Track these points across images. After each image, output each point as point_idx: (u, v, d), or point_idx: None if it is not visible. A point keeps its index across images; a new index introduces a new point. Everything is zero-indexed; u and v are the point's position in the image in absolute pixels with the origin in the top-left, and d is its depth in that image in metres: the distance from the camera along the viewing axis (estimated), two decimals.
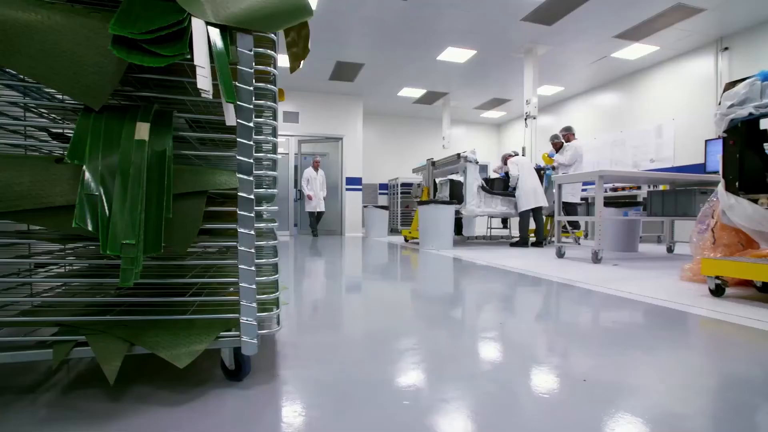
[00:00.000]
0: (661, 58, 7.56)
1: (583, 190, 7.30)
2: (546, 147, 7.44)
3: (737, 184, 2.70)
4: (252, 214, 1.00)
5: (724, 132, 2.74)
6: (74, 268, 1.55)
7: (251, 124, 0.98)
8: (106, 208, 0.83)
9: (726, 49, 6.60)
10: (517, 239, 6.15)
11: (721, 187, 2.80)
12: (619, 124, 8.61)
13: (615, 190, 7.94)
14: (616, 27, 6.37)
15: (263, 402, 1.02)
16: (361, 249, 5.95)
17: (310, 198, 8.84)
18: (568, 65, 7.98)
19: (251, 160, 0.99)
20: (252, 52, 0.98)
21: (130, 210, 0.83)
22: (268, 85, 1.05)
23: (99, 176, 0.84)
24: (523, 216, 6.06)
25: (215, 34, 0.89)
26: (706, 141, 6.58)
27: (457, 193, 6.47)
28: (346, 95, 9.87)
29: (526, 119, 7.25)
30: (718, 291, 2.39)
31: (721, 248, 2.86)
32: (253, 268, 1.01)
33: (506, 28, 6.43)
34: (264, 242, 1.10)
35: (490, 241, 7.39)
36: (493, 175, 7.27)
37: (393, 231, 10.46)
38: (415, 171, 8.14)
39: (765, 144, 2.85)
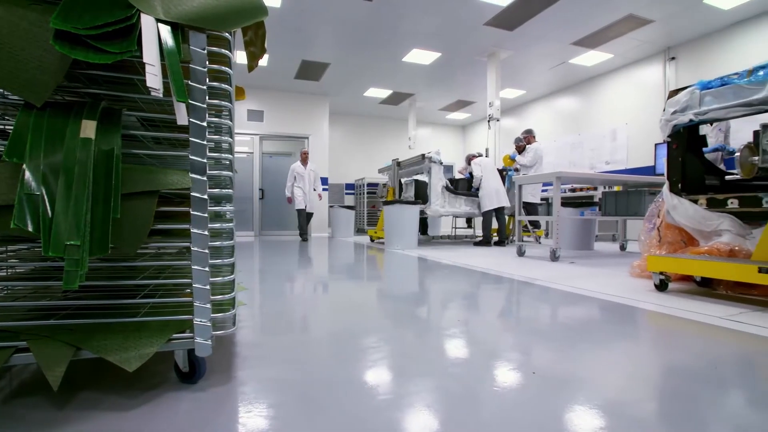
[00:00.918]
0: (615, 66, 7.92)
1: (544, 190, 7.55)
2: (509, 148, 7.65)
3: (680, 185, 2.87)
4: (205, 215, 0.99)
5: (668, 137, 2.91)
6: (18, 271, 1.48)
7: (204, 124, 0.97)
8: (49, 208, 0.80)
9: (673, 58, 6.99)
10: (481, 238, 6.30)
11: (666, 189, 2.97)
12: (577, 127, 8.96)
13: (573, 190, 8.26)
14: (573, 34, 6.62)
15: (218, 404, 1.01)
16: (327, 249, 5.93)
17: (289, 200, 7.87)
18: (529, 70, 8.23)
19: (205, 160, 0.98)
20: (205, 51, 0.96)
21: (75, 210, 0.80)
22: (223, 84, 1.04)
23: (40, 175, 0.81)
24: (486, 216, 6.20)
25: (166, 31, 0.88)
26: (656, 145, 6.96)
27: (422, 194, 6.55)
28: (312, 95, 9.79)
29: (489, 121, 7.42)
30: (662, 286, 2.54)
31: (666, 246, 3.03)
32: (206, 269, 1.00)
33: (470, 32, 6.57)
34: (219, 242, 1.09)
35: (454, 240, 7.52)
36: (457, 176, 7.40)
37: (359, 231, 10.46)
38: (380, 171, 8.18)
39: (704, 149, 3.05)
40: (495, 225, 6.40)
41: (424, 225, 7.67)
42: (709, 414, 0.99)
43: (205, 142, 0.98)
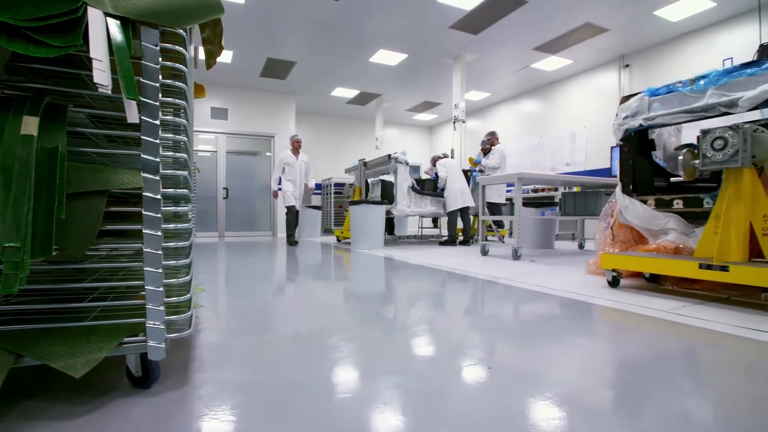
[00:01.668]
0: (574, 71, 8.22)
1: (508, 191, 7.74)
2: (475, 149, 7.80)
3: (631, 187, 3.02)
4: (158, 215, 0.97)
5: (620, 140, 3.06)
6: None
7: (157, 122, 0.95)
8: None
9: (627, 66, 7.33)
10: (446, 238, 6.39)
11: (618, 190, 3.11)
12: (539, 129, 9.24)
13: (536, 191, 8.52)
14: (534, 40, 6.83)
15: (172, 408, 0.99)
16: (293, 249, 5.86)
17: (275, 195, 7.05)
18: (493, 73, 8.42)
19: (158, 159, 0.96)
20: (158, 48, 0.94)
21: (14, 211, 0.77)
22: (177, 82, 1.02)
23: None
24: (451, 216, 6.31)
25: (115, 26, 0.85)
26: (611, 148, 7.27)
27: (388, 194, 6.58)
28: (278, 93, 9.65)
29: (454, 123, 7.54)
30: (614, 282, 2.66)
31: (619, 244, 3.18)
32: (160, 271, 0.98)
33: (435, 35, 6.65)
34: (174, 243, 1.07)
35: (420, 240, 7.60)
36: (424, 176, 7.48)
37: (326, 231, 10.40)
38: (347, 171, 8.17)
39: (653, 152, 3.22)
40: (460, 225, 6.51)
41: (390, 225, 7.71)
42: (655, 401, 1.05)
43: (157, 141, 0.95)
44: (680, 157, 2.39)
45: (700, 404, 1.05)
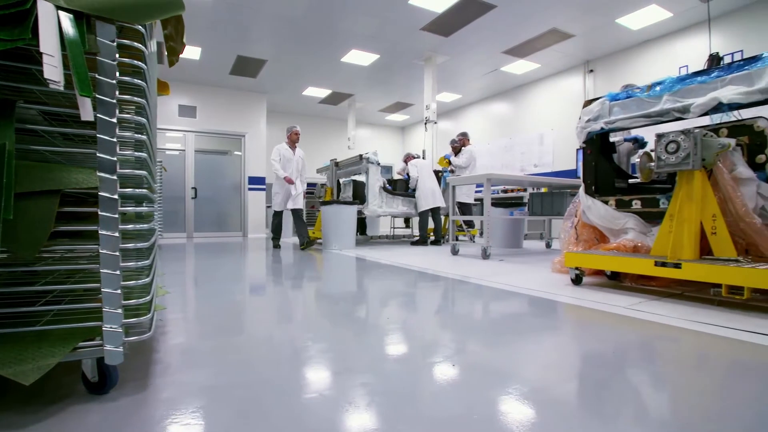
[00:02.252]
0: (542, 75, 8.45)
1: (477, 191, 7.87)
2: (446, 150, 7.89)
3: (593, 188, 3.13)
4: (115, 215, 0.94)
5: (583, 143, 3.16)
6: None
7: (113, 120, 0.92)
8: None
9: (591, 71, 7.59)
10: (417, 238, 6.45)
11: (581, 191, 3.22)
12: (509, 131, 9.44)
13: (505, 191, 8.69)
14: (504, 44, 6.97)
15: (130, 414, 0.96)
16: (264, 250, 5.78)
17: (289, 181, 5.84)
18: (464, 75, 8.55)
19: (114, 158, 0.93)
20: (115, 43, 0.92)
21: None
22: (135, 79, 1.00)
23: None
24: (423, 216, 6.37)
25: (67, 20, 0.82)
26: (577, 150, 7.51)
27: (360, 194, 6.58)
28: (249, 91, 9.50)
29: (426, 124, 7.61)
30: (577, 280, 2.75)
31: (582, 243, 3.29)
32: (117, 272, 0.95)
33: (407, 36, 6.70)
34: (133, 244, 1.04)
35: (392, 240, 7.64)
36: (396, 177, 7.52)
37: None
38: (318, 171, 8.12)
39: (614, 154, 3.35)
40: (431, 225, 6.58)
41: (362, 225, 7.71)
42: (614, 392, 1.10)
43: (114, 139, 0.93)
44: (637, 160, 2.49)
45: (655, 394, 1.11)
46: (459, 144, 6.95)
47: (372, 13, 5.94)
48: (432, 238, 6.59)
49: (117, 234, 0.94)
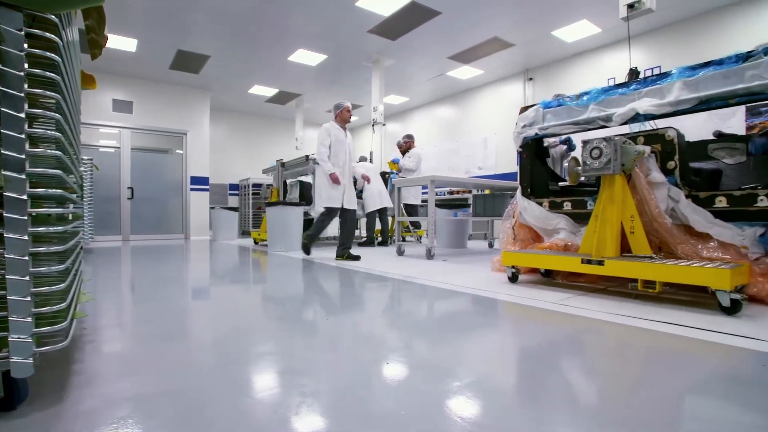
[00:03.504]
0: (486, 81, 8.77)
1: (424, 193, 8.03)
2: (394, 152, 7.98)
3: (529, 190, 3.30)
4: (24, 217, 0.88)
5: (520, 147, 3.33)
6: None
7: (22, 115, 0.86)
8: None
9: (531, 79, 7.99)
10: (365, 239, 6.47)
11: (518, 193, 3.39)
12: (455, 134, 9.71)
13: (451, 193, 8.93)
14: (448, 49, 7.17)
15: (40, 429, 0.90)
16: (206, 253, 5.57)
17: (336, 179, 4.37)
18: (411, 78, 8.70)
19: (22, 156, 0.87)
20: (23, 33, 0.86)
21: None
22: (49, 72, 0.94)
23: None
24: (370, 217, 6.40)
25: None
26: (518, 153, 7.87)
27: (306, 195, 6.51)
28: (191, 87, 9.10)
29: (373, 125, 7.67)
30: (513, 278, 2.89)
31: (519, 243, 3.45)
32: (26, 278, 0.89)
33: (355, 38, 6.72)
34: (45, 248, 0.98)
35: None
36: None
37: (245, 233, 10.02)
38: (265, 172, 7.96)
39: (548, 159, 3.55)
40: (379, 226, 6.63)
41: (310, 226, 7.62)
42: (543, 381, 1.16)
43: (22, 136, 0.87)
44: (566, 164, 2.66)
45: (580, 381, 1.19)
46: (405, 146, 7.06)
47: (319, 12, 5.90)
48: (380, 239, 6.64)
49: (26, 237, 0.88)
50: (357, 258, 4.37)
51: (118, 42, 6.75)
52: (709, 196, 2.34)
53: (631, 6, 3.44)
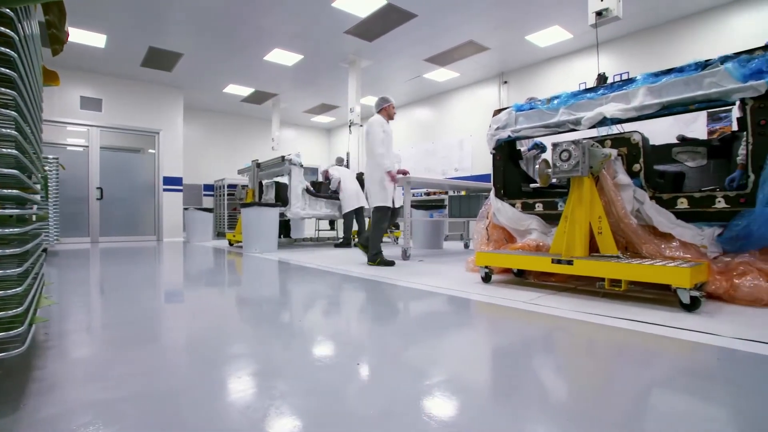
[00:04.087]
0: (462, 84, 8.88)
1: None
2: None
3: (502, 191, 3.36)
4: None
5: (493, 149, 3.38)
6: None
7: None
8: None
9: (506, 82, 8.13)
10: (342, 240, 6.46)
11: (492, 194, 3.44)
12: (432, 136, 9.79)
13: (428, 194, 9.00)
14: (425, 52, 7.23)
15: None
16: (180, 255, 5.45)
17: (394, 178, 4.20)
18: (388, 80, 8.73)
19: None
20: None
21: None
22: (3, 69, 0.90)
23: None
24: (347, 217, 6.39)
25: None
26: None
27: (282, 196, 6.46)
28: (164, 86, 8.89)
29: (350, 126, 7.66)
30: (486, 278, 2.93)
31: (493, 243, 3.51)
32: None
33: (331, 38, 6.70)
34: (1, 251, 0.94)
35: (317, 242, 7.57)
36: (321, 179, 7.49)
37: (220, 235, 9.85)
38: (240, 172, 7.84)
39: (521, 161, 3.62)
40: (356, 227, 6.63)
41: (287, 228, 7.57)
42: (513, 378, 1.19)
43: None
44: (537, 166, 2.72)
45: (549, 377, 1.22)
46: None
47: (295, 12, 5.86)
48: (356, 240, 6.64)
49: None
50: (392, 263, 3.98)
51: (85, 37, 6.54)
52: (671, 197, 2.43)
53: (599, 13, 3.55)
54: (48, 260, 4.65)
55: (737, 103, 2.22)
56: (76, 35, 6.40)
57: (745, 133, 2.19)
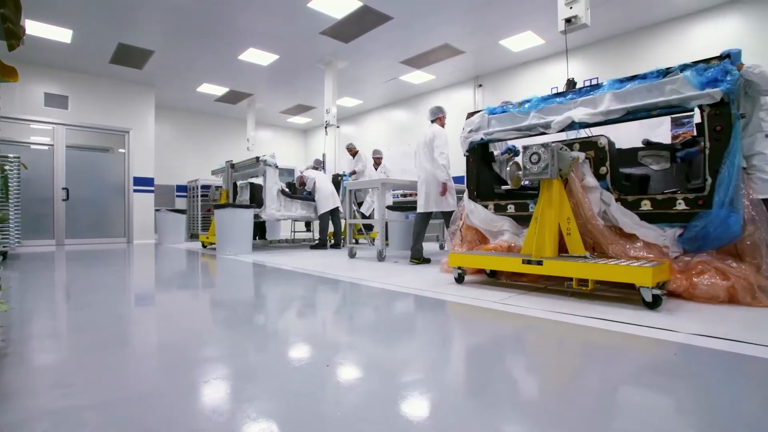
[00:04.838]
0: (438, 86, 8.96)
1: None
2: (347, 155, 7.97)
3: (475, 193, 3.41)
4: None
5: (466, 152, 3.43)
6: None
7: None
8: None
9: (480, 85, 8.25)
10: (317, 241, 6.42)
11: (465, 195, 3.49)
12: (409, 137, 9.84)
13: (405, 196, 9.03)
14: (401, 54, 7.28)
15: None
16: (151, 257, 5.31)
17: (445, 190, 4.44)
18: (365, 81, 8.73)
19: None
20: None
21: None
22: None
23: None
24: (322, 218, 6.37)
25: None
26: None
27: (257, 197, 6.38)
28: (134, 83, 8.64)
29: (326, 127, 7.63)
30: (459, 279, 2.97)
31: (466, 244, 3.56)
32: None
33: (307, 39, 6.66)
34: None
35: (293, 244, 7.51)
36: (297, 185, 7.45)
37: (193, 237, 9.64)
38: (213, 173, 7.71)
39: (493, 163, 3.68)
40: (332, 228, 6.61)
41: (262, 229, 7.48)
42: (484, 378, 1.21)
43: None
44: (508, 168, 2.77)
45: (519, 374, 1.25)
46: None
47: (270, 11, 5.80)
48: (332, 241, 6.62)
49: None
50: (428, 261, 4.25)
51: (50, 32, 6.30)
52: (636, 199, 2.52)
53: (568, 21, 3.65)
54: (8, 264, 4.45)
55: (696, 109, 2.32)
56: (40, 29, 6.17)
57: (702, 138, 2.29)
